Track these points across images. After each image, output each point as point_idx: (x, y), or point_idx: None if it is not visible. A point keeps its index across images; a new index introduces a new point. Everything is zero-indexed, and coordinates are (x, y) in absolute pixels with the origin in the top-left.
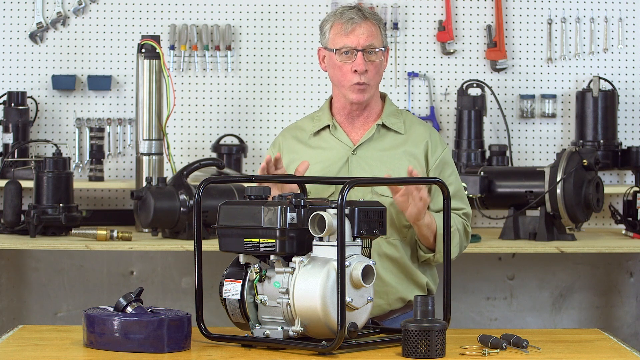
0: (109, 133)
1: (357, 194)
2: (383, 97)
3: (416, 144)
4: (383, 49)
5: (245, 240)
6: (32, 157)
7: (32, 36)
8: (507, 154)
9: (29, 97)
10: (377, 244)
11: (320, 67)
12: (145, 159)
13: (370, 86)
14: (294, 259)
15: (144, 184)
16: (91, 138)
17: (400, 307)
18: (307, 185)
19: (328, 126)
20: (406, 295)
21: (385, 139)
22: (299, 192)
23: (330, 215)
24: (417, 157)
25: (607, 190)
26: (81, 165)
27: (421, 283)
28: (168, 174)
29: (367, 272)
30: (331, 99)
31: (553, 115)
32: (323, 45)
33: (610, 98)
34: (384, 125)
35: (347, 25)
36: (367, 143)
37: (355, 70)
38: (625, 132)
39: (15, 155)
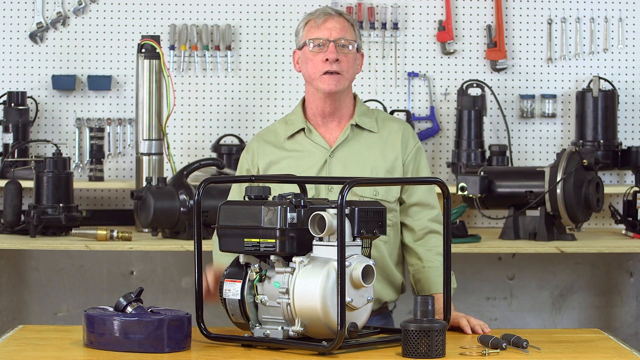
0: (109, 133)
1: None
2: (354, 97)
3: (392, 143)
4: (356, 44)
5: (245, 240)
6: (32, 157)
7: (32, 36)
8: (507, 154)
9: (29, 97)
10: None
11: (295, 69)
12: (145, 159)
13: (343, 77)
14: (294, 259)
15: (144, 184)
16: (91, 138)
17: (376, 308)
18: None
19: (302, 129)
20: (382, 296)
21: (360, 139)
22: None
23: (330, 215)
24: (396, 156)
25: (607, 190)
26: (81, 165)
27: (397, 284)
28: (168, 174)
29: (367, 272)
30: (303, 101)
31: (553, 115)
32: (297, 46)
33: (610, 98)
34: (357, 126)
35: (320, 18)
36: (344, 144)
37: (327, 60)
38: (625, 132)
39: (15, 155)
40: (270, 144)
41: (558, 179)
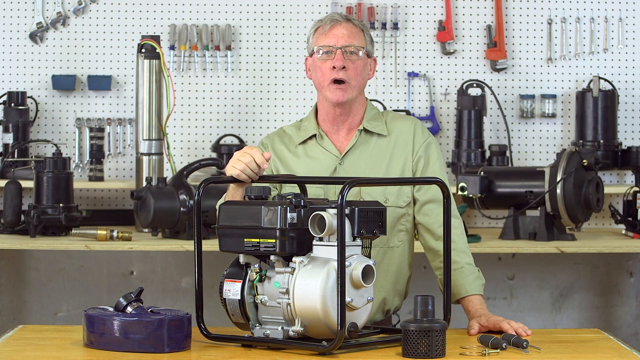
0: (109, 133)
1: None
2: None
3: (402, 144)
4: (364, 50)
5: (245, 240)
6: (32, 157)
7: (32, 36)
8: (507, 154)
9: (29, 97)
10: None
11: (307, 76)
12: (145, 159)
13: (350, 85)
14: (294, 259)
15: (144, 184)
16: (91, 138)
17: (381, 319)
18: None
19: (314, 135)
20: (387, 304)
21: (369, 144)
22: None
23: (330, 215)
24: (405, 157)
25: (607, 190)
26: (81, 165)
27: (402, 290)
28: (168, 174)
29: (367, 272)
30: (316, 107)
31: (553, 115)
32: (309, 53)
33: (610, 98)
34: (366, 130)
35: (327, 25)
36: (353, 151)
37: (334, 67)
38: (625, 132)
39: (15, 155)
40: (284, 144)
41: (558, 179)
